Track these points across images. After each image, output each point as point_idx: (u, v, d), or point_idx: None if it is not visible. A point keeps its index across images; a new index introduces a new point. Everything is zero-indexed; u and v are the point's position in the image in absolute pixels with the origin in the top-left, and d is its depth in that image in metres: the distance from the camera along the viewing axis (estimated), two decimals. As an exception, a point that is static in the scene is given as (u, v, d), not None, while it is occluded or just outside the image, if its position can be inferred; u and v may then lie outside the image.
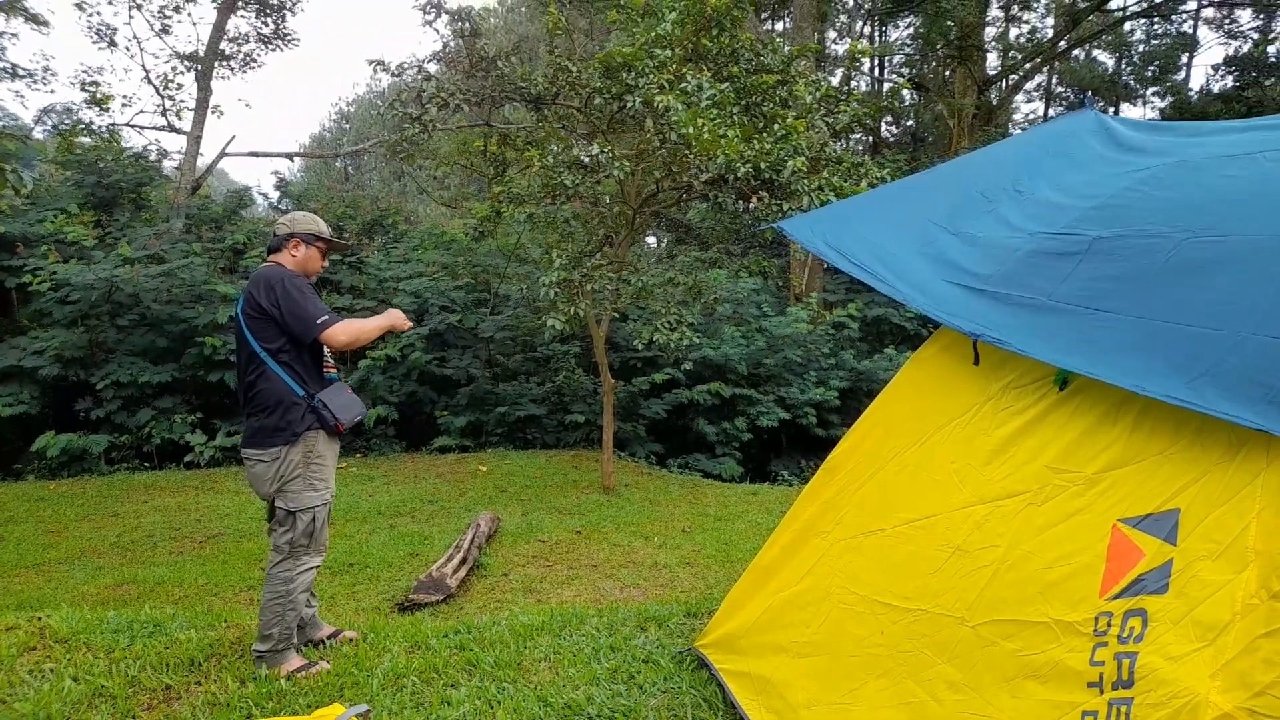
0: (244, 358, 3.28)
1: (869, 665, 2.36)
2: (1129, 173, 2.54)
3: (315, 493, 3.26)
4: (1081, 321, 2.12)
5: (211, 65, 14.77)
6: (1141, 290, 2.07)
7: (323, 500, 3.29)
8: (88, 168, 13.64)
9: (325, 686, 3.07)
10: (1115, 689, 1.69)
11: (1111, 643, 1.72)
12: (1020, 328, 2.21)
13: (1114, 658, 1.72)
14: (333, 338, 3.22)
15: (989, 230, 2.65)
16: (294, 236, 3.44)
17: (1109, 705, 1.69)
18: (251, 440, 3.24)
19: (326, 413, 3.24)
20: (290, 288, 3.21)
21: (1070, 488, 2.02)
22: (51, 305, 11.36)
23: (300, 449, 3.22)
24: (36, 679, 3.11)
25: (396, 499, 9.27)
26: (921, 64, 23.44)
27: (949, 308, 2.40)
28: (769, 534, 7.71)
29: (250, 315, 3.23)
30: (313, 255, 3.49)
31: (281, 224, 3.50)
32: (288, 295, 3.19)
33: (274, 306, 3.18)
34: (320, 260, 3.53)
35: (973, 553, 2.17)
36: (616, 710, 2.84)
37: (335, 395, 3.31)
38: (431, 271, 13.52)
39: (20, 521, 8.77)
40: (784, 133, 7.62)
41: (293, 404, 3.21)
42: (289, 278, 3.26)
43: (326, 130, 43.29)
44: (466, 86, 8.63)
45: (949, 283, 2.51)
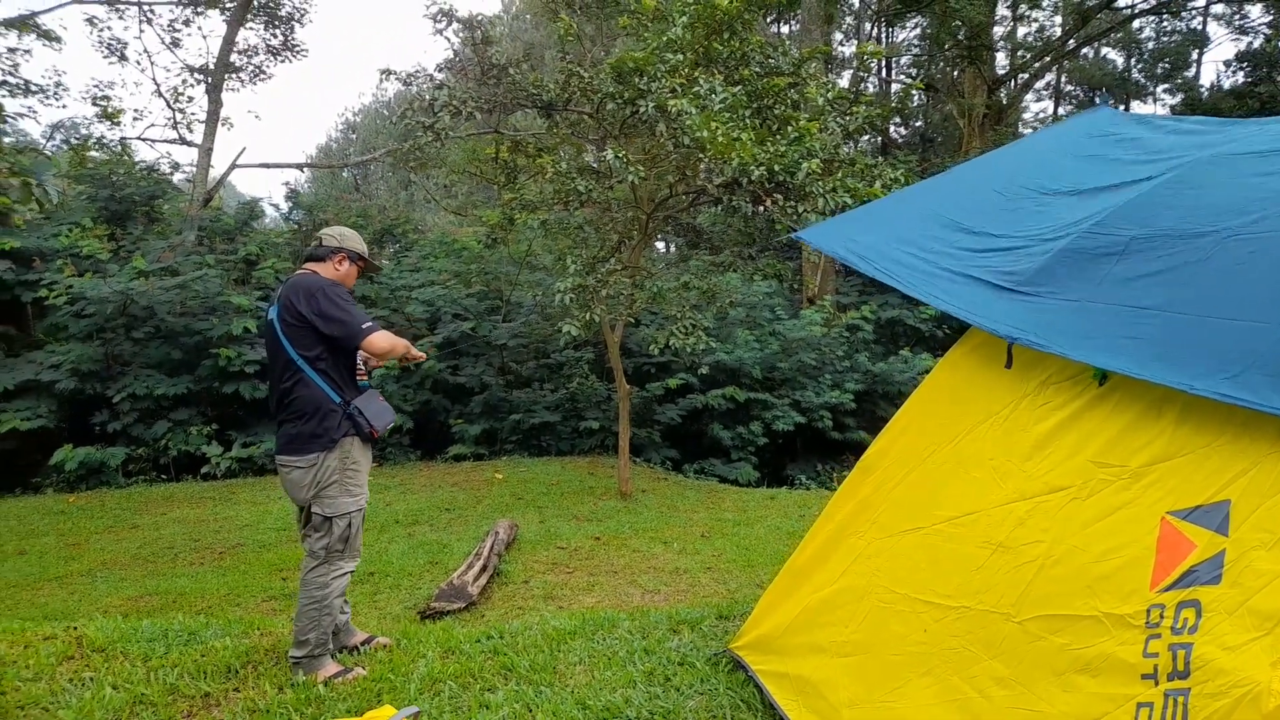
0: (279, 365, 3.29)
1: (912, 663, 2.36)
2: (1158, 171, 2.54)
3: (351, 499, 3.28)
4: (1122, 320, 2.12)
5: (222, 78, 14.87)
6: (1182, 288, 2.07)
7: (358, 506, 3.31)
8: (101, 182, 13.73)
9: (363, 692, 3.08)
10: (1171, 680, 1.69)
11: (1165, 634, 1.72)
12: (1058, 329, 2.21)
13: (1168, 649, 1.71)
14: (375, 344, 3.24)
15: (1013, 230, 2.65)
16: (342, 251, 3.50)
17: (1165, 696, 1.69)
18: (287, 447, 3.26)
19: (362, 419, 3.26)
20: (333, 295, 3.25)
21: (1115, 482, 2.02)
22: (67, 319, 11.43)
23: (337, 455, 3.24)
24: (77, 687, 3.13)
25: (414, 507, 9.29)
26: (929, 65, 23.44)
27: (980, 310, 2.40)
28: (789, 538, 7.74)
29: (287, 322, 3.25)
30: (352, 272, 3.55)
31: (330, 235, 3.54)
32: (331, 303, 3.22)
33: (315, 314, 3.20)
34: (355, 278, 3.59)
35: (1016, 549, 2.17)
36: (655, 712, 2.84)
37: (369, 402, 3.33)
38: (444, 280, 13.56)
39: (41, 535, 8.82)
40: (798, 135, 7.63)
41: (330, 411, 3.23)
42: (329, 286, 3.29)
43: (333, 141, 43.56)
44: (478, 94, 8.66)
45: (977, 282, 2.51)
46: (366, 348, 3.26)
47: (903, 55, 25.52)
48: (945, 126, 24.49)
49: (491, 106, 8.81)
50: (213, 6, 15.64)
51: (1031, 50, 21.91)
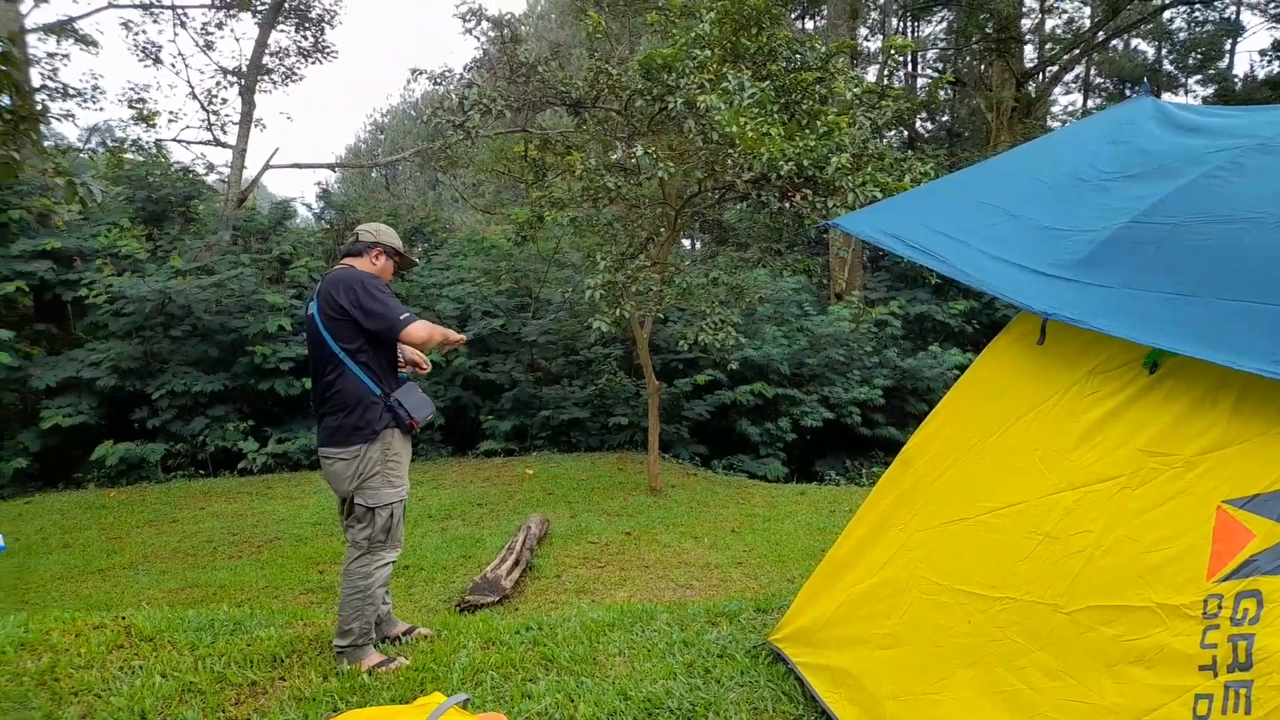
0: (320, 358, 3.34)
1: (956, 655, 2.35)
2: (1204, 158, 2.51)
3: (393, 489, 3.32)
4: (1169, 305, 2.09)
5: (254, 79, 15.06)
6: (1233, 274, 2.04)
7: (399, 497, 3.36)
8: (138, 183, 13.97)
9: (406, 681, 3.12)
10: (1231, 671, 1.67)
11: (1224, 625, 1.70)
12: (1100, 309, 2.18)
13: (1228, 640, 1.69)
14: (414, 333, 3.27)
15: (1059, 217, 2.63)
16: (378, 246, 3.55)
17: (1225, 688, 1.67)
18: (330, 439, 3.31)
19: (402, 411, 3.30)
20: (371, 288, 3.29)
21: (1167, 470, 2.00)
22: (107, 317, 11.65)
23: (379, 447, 3.28)
24: (127, 675, 3.20)
25: (446, 502, 9.37)
26: (956, 58, 23.20)
27: (1017, 289, 2.38)
28: (820, 533, 7.71)
29: (328, 316, 3.30)
30: (389, 267, 3.60)
31: (366, 231, 3.59)
32: (370, 295, 3.26)
33: (354, 307, 3.25)
34: (392, 272, 3.64)
35: (1064, 539, 2.16)
36: (696, 704, 2.86)
37: (408, 394, 3.37)
38: (473, 277, 13.65)
39: (84, 529, 9.00)
40: (826, 129, 7.60)
41: (371, 403, 3.27)
42: (367, 279, 3.33)
43: (362, 141, 43.95)
44: (508, 92, 8.71)
45: (1017, 266, 2.49)
46: (406, 338, 3.29)
47: (929, 49, 25.29)
48: (972, 121, 24.23)
49: (520, 105, 8.86)
50: (245, 9, 15.83)
51: (1060, 42, 21.61)
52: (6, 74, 3.71)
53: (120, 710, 2.91)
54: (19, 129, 4.16)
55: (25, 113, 4.14)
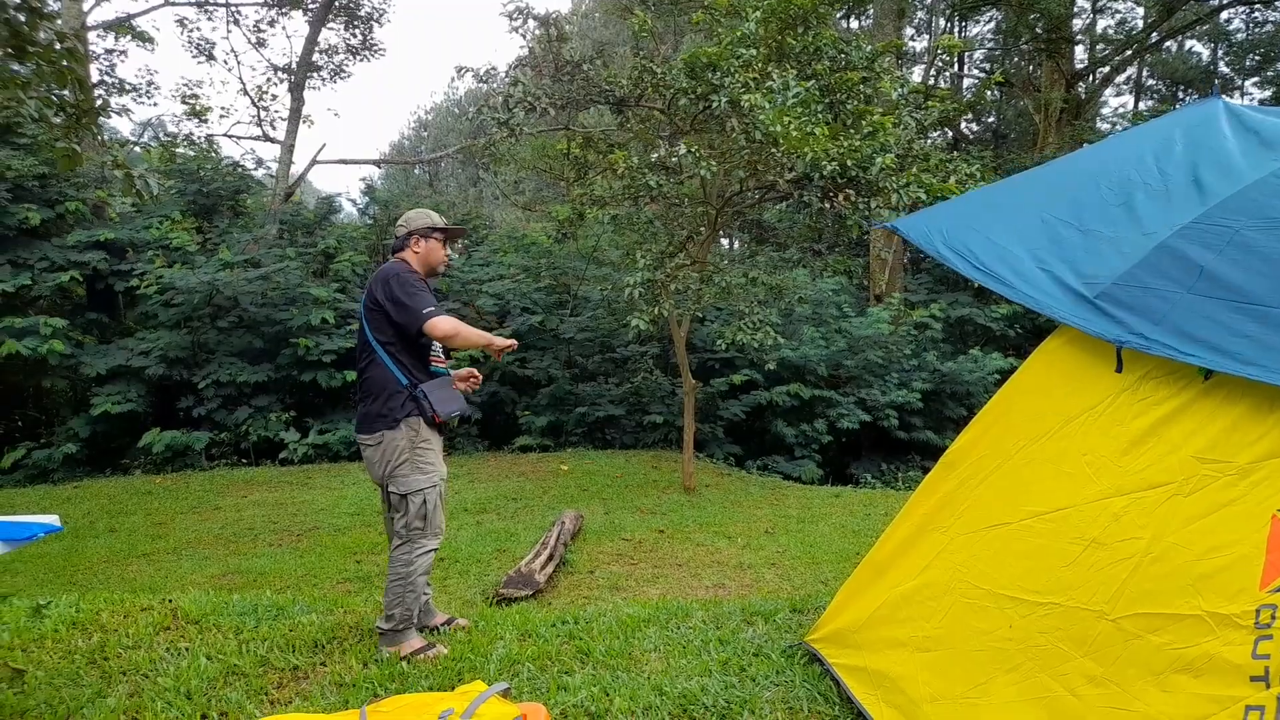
0: (360, 347, 3.46)
1: (997, 660, 2.33)
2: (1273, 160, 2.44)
3: (423, 475, 3.37)
4: (1225, 315, 2.05)
5: (304, 76, 15.33)
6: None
7: (431, 483, 3.39)
8: (189, 176, 14.30)
9: (443, 670, 3.16)
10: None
11: (1277, 636, 1.66)
12: (1163, 327, 2.14)
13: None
14: (435, 327, 3.31)
15: (1121, 227, 2.58)
16: (412, 234, 3.58)
17: (1278, 700, 1.63)
18: (360, 426, 3.43)
19: (425, 403, 3.36)
20: (404, 281, 3.37)
21: (1221, 478, 1.95)
22: (157, 308, 11.93)
23: (403, 433, 3.34)
24: (174, 656, 3.28)
25: (481, 496, 9.45)
26: (1004, 59, 22.84)
27: (1085, 314, 2.35)
28: (854, 536, 7.66)
29: (369, 308, 3.41)
30: (434, 247, 3.61)
31: (400, 225, 3.65)
32: (402, 287, 3.34)
33: (387, 300, 3.34)
34: (442, 250, 3.64)
35: (1111, 545, 2.12)
36: (732, 701, 2.86)
37: (437, 388, 3.42)
38: (513, 274, 13.76)
39: (130, 514, 9.23)
40: (871, 129, 7.54)
41: (395, 391, 3.36)
42: (404, 272, 3.41)
43: (406, 138, 44.46)
44: (552, 90, 8.76)
45: (1080, 284, 2.45)
46: (428, 331, 3.33)
47: (976, 50, 24.94)
48: (1019, 122, 23.85)
49: (565, 102, 8.90)
50: (296, 7, 16.12)
51: (1112, 43, 21.17)
52: (71, 69, 3.81)
53: (167, 690, 2.99)
54: (80, 123, 4.28)
55: (87, 107, 4.25)
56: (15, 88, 3.82)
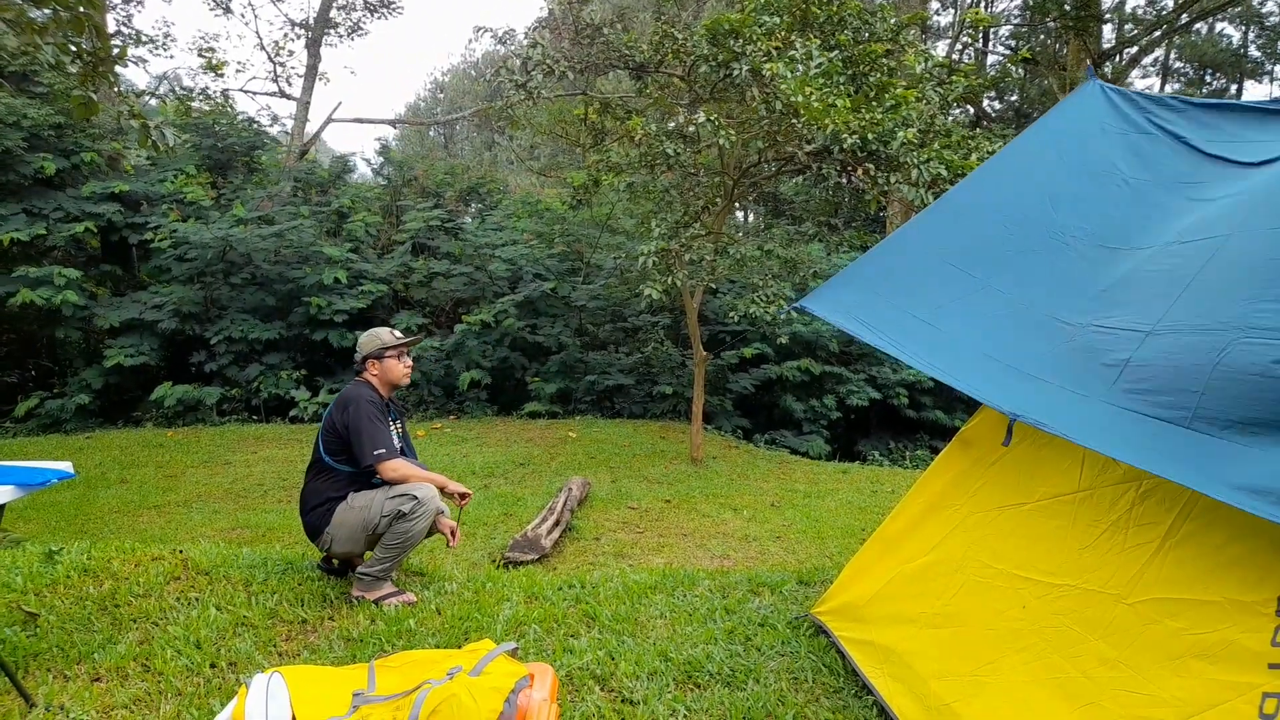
0: (315, 458, 3.62)
1: (1007, 639, 2.31)
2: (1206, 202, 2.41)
3: (375, 508, 3.44)
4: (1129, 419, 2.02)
5: (321, 33, 15.20)
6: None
7: (381, 508, 3.42)
8: (205, 131, 14.24)
9: (450, 629, 3.17)
10: (1305, 671, 1.62)
11: (1298, 624, 1.64)
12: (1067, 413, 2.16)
13: (1302, 640, 1.64)
14: (384, 471, 3.45)
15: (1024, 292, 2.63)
16: (367, 359, 3.69)
17: (1298, 687, 1.62)
18: (314, 532, 3.57)
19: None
20: (361, 412, 3.47)
21: (1246, 465, 1.92)
22: (171, 262, 11.95)
23: (341, 513, 3.46)
24: (184, 605, 3.31)
25: (490, 461, 9.48)
26: (1030, 35, 22.44)
27: (985, 385, 2.39)
28: (860, 513, 7.65)
29: (327, 428, 3.56)
30: (390, 365, 3.69)
31: (355, 350, 3.77)
32: (358, 419, 3.46)
33: (343, 426, 3.47)
34: (399, 365, 3.72)
35: (1131, 529, 2.09)
36: (737, 670, 2.86)
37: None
38: (526, 240, 13.70)
39: (141, 465, 9.31)
40: (894, 103, 7.42)
41: (331, 498, 3.51)
42: (364, 401, 3.52)
43: (421, 100, 44.15)
44: (571, 53, 8.64)
45: (986, 356, 2.51)
46: (379, 472, 3.45)
47: (1001, 25, 24.52)
48: (1043, 101, 23.46)
49: (584, 66, 8.78)
50: (315, -40, 15.92)
51: (1141, 23, 20.76)
52: (88, 16, 3.77)
53: (176, 639, 3.01)
54: (97, 70, 4.24)
55: (104, 55, 4.21)
56: (32, 33, 3.79)
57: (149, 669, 2.83)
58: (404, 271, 13.20)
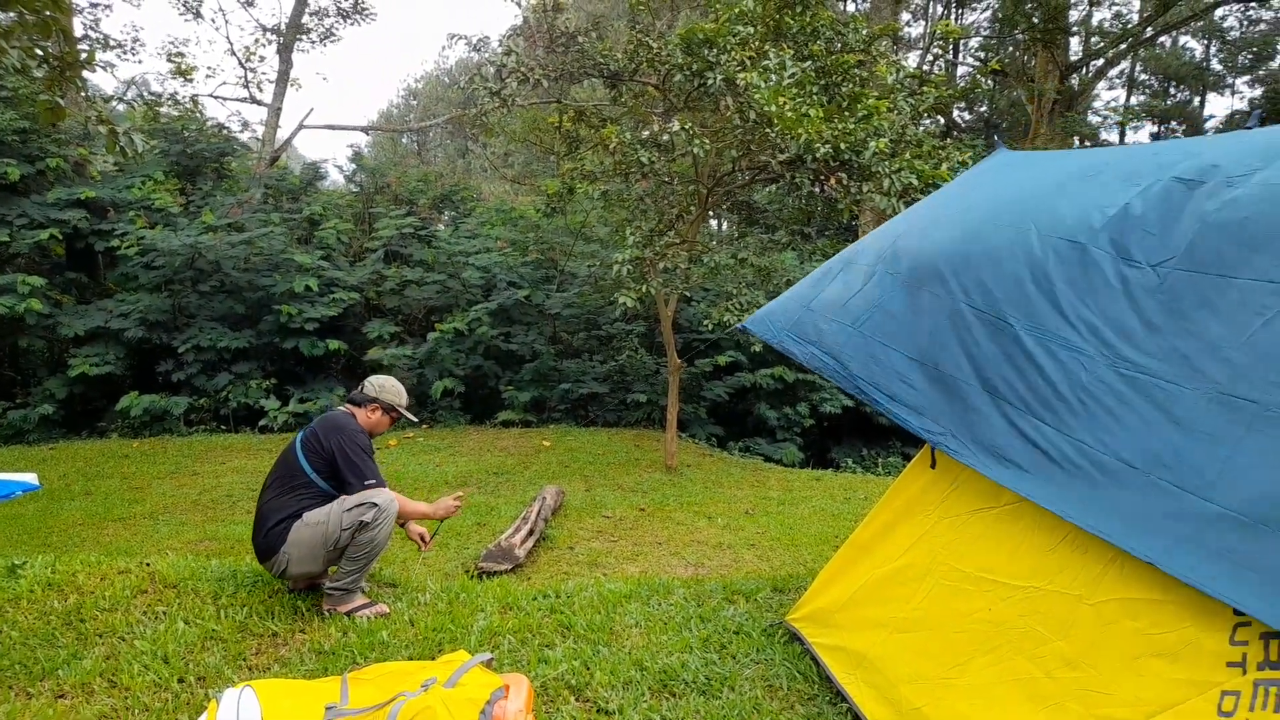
0: (287, 474, 3.52)
1: (975, 642, 2.34)
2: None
3: (332, 520, 3.39)
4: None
5: (293, 38, 15.09)
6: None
7: (339, 522, 3.36)
8: (173, 137, 14.07)
9: (424, 641, 3.16)
10: (1262, 669, 1.65)
11: (1255, 623, 1.67)
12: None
13: (1259, 638, 1.67)
14: (374, 494, 3.44)
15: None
16: (376, 402, 3.74)
17: (1254, 685, 1.65)
18: (265, 554, 3.49)
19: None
20: (358, 443, 3.51)
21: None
22: (137, 269, 11.78)
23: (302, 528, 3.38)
24: (151, 620, 3.26)
25: (463, 470, 9.43)
26: (999, 47, 22.81)
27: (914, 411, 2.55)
28: (834, 520, 7.69)
29: (311, 446, 3.50)
30: (384, 422, 3.79)
31: (370, 384, 3.80)
32: (354, 447, 3.48)
33: (338, 450, 3.45)
34: (388, 426, 3.83)
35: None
36: (712, 678, 2.87)
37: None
38: (500, 247, 13.67)
39: (106, 477, 9.15)
40: (866, 113, 7.51)
41: (293, 512, 3.44)
42: (358, 432, 3.57)
43: (394, 106, 43.88)
44: (546, 61, 8.66)
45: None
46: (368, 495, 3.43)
47: (971, 37, 24.89)
48: (1011, 112, 23.87)
49: (558, 74, 8.80)
50: (286, -34, 15.80)
51: (1108, 36, 21.16)
52: (55, 19, 3.72)
53: (144, 653, 2.97)
54: (65, 75, 4.18)
55: (71, 59, 4.16)
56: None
57: (115, 685, 2.78)
58: (376, 279, 13.12)
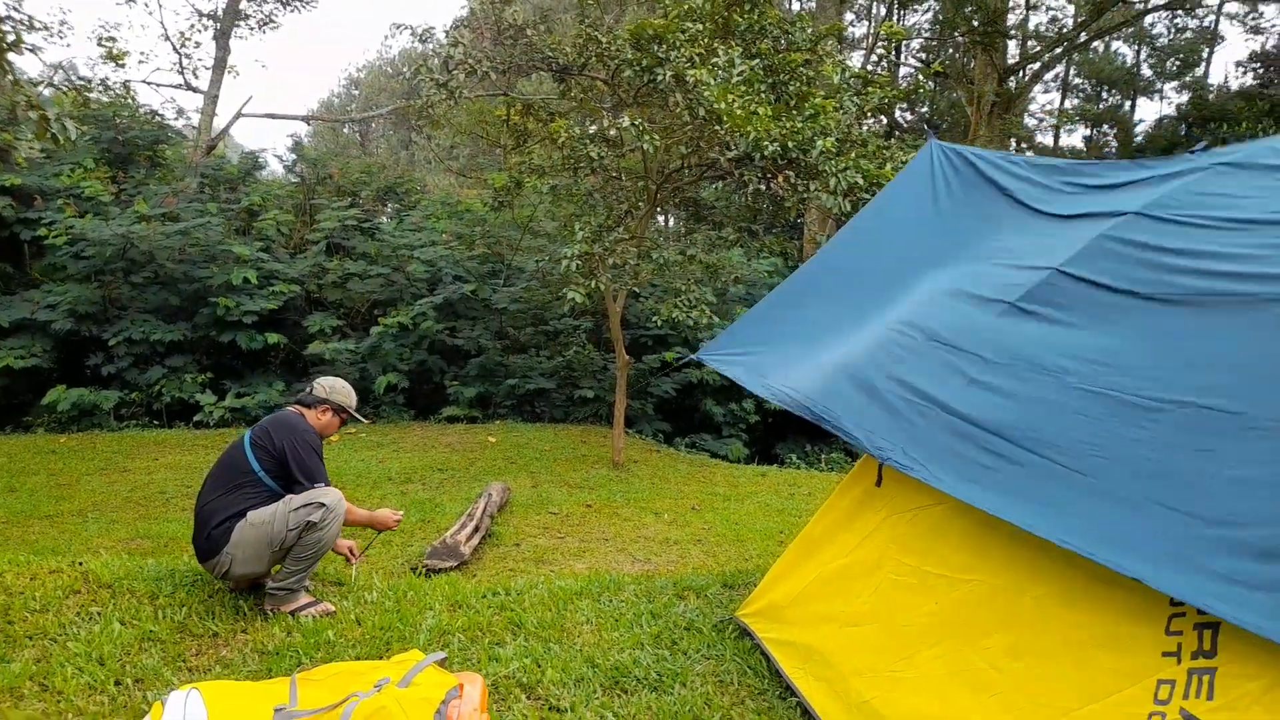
0: (233, 472, 3.45)
1: (922, 635, 2.40)
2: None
3: (280, 520, 3.33)
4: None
5: (230, 24, 14.65)
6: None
7: (285, 519, 3.31)
8: (104, 123, 13.56)
9: (371, 640, 3.11)
10: (1195, 659, 1.72)
11: (1190, 613, 1.74)
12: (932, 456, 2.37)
13: (1193, 629, 1.74)
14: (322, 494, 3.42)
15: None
16: (327, 403, 3.74)
17: (1188, 674, 1.71)
18: (206, 554, 3.39)
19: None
20: (309, 444, 3.51)
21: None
22: (66, 259, 11.33)
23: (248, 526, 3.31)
24: (85, 621, 3.15)
25: (407, 466, 9.30)
26: (939, 49, 23.29)
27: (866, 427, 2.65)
28: (779, 515, 7.77)
29: (260, 445, 3.46)
30: (334, 423, 3.80)
31: (320, 385, 3.81)
32: (307, 447, 3.48)
33: (288, 449, 3.42)
34: (337, 428, 3.82)
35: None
36: (664, 674, 2.88)
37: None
38: (446, 241, 13.49)
39: (32, 473, 8.80)
40: (813, 112, 7.60)
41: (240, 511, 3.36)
42: (310, 434, 3.57)
43: (335, 96, 42.95)
44: (494, 54, 8.57)
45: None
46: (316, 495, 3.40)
47: (913, 39, 25.36)
48: (951, 113, 24.39)
49: (506, 67, 8.72)
50: (223, -51, 15.36)
51: (1044, 40, 21.77)
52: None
53: (77, 655, 2.87)
54: (-11, 57, 4.01)
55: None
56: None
57: (47, 688, 2.68)
58: (318, 272, 12.82)
